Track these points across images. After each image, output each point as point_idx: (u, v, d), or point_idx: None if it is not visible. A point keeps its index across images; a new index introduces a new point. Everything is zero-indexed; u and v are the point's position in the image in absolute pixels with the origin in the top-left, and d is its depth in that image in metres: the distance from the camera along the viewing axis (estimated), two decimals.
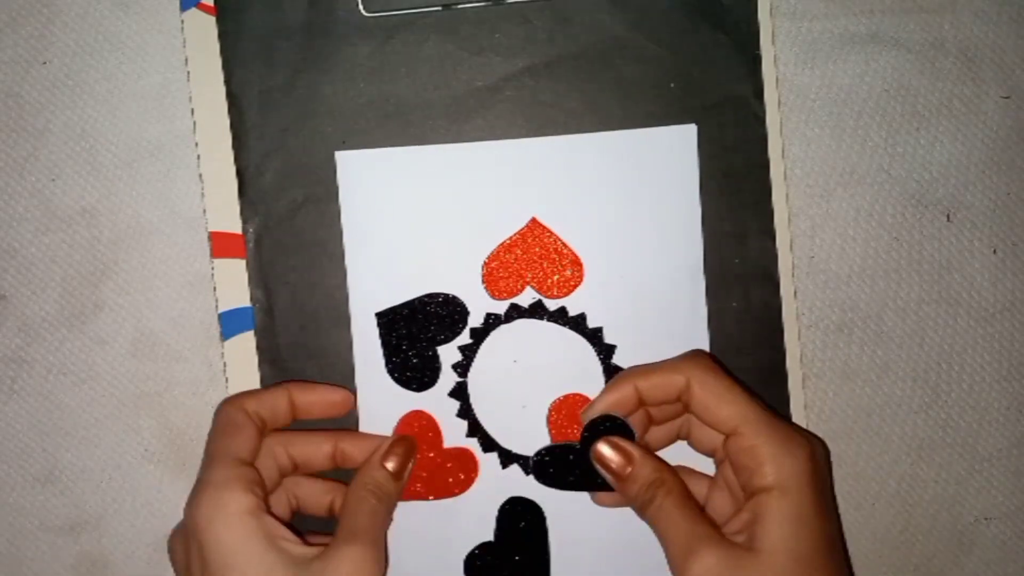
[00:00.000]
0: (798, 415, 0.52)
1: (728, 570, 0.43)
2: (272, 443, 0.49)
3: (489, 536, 0.52)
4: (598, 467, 0.48)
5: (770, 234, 0.52)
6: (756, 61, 0.52)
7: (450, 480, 0.52)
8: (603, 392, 0.48)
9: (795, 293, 0.52)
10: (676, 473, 0.47)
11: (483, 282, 0.52)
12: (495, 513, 0.52)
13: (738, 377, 0.48)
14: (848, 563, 0.49)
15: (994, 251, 0.54)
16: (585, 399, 0.51)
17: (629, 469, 0.47)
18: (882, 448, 0.54)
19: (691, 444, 0.50)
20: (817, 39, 0.53)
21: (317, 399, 0.50)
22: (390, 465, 0.48)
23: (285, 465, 0.49)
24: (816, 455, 0.45)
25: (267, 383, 0.52)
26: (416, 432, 0.52)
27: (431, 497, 0.52)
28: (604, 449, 0.47)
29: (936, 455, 0.54)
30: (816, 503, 0.44)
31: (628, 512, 0.48)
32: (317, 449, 0.50)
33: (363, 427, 0.52)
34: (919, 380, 0.54)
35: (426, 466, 0.52)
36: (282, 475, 0.49)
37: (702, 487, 0.49)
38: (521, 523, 0.52)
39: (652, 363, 0.49)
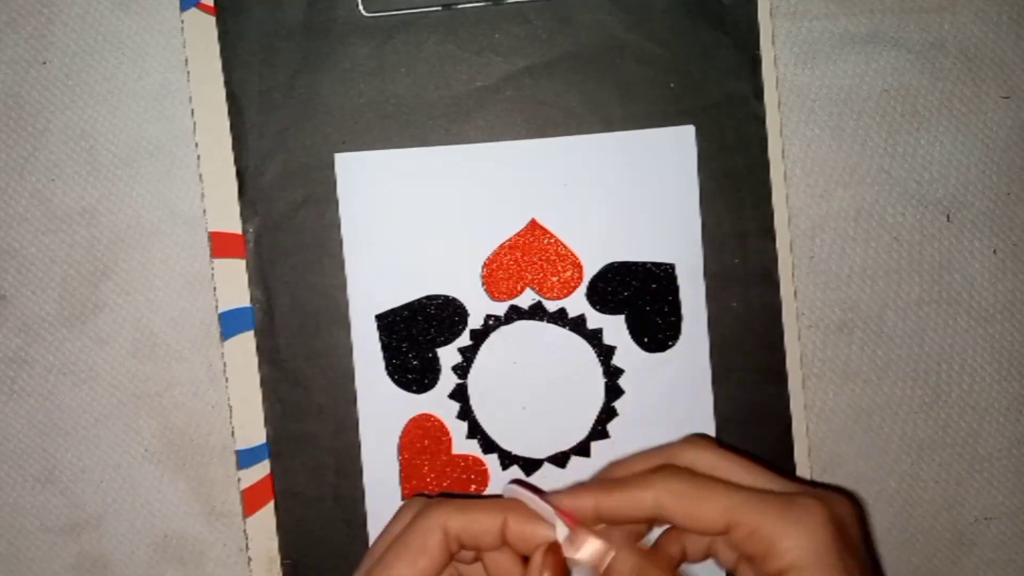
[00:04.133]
0: (798, 415, 0.52)
1: None
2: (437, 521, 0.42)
3: None
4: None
5: (770, 234, 0.52)
6: (756, 61, 0.52)
7: (459, 489, 0.52)
8: (560, 493, 0.42)
9: (795, 293, 0.52)
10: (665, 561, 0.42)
11: (483, 284, 0.52)
12: None
13: (738, 447, 0.45)
14: None
15: (994, 251, 0.54)
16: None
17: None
18: (882, 448, 0.54)
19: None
20: (817, 39, 0.53)
21: (536, 534, 0.41)
22: None
23: (452, 550, 0.42)
24: (832, 517, 0.39)
25: (267, 383, 0.52)
26: (426, 435, 0.52)
27: None
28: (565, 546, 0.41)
29: (936, 455, 0.54)
30: (841, 571, 0.38)
31: None
32: (486, 528, 0.41)
33: (363, 429, 0.52)
34: (919, 380, 0.54)
35: (434, 471, 0.52)
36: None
37: None
38: None
39: (619, 478, 0.42)
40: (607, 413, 0.52)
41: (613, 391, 0.52)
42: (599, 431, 0.52)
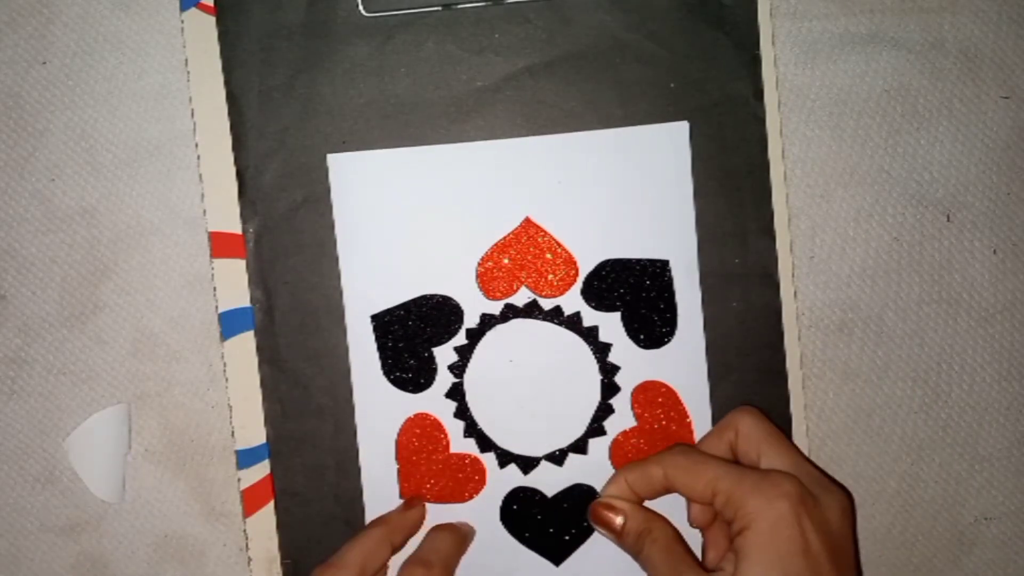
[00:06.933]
0: (798, 415, 0.52)
1: None
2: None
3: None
4: (596, 527, 0.49)
5: (770, 234, 0.52)
6: (756, 61, 0.52)
7: (457, 488, 0.52)
8: (605, 485, 0.50)
9: (795, 293, 0.52)
10: (665, 523, 0.48)
11: (478, 282, 0.52)
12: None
13: (777, 427, 0.49)
14: None
15: (994, 251, 0.54)
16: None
17: (620, 521, 0.48)
18: (882, 448, 0.54)
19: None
20: (817, 39, 0.53)
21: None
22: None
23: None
24: (796, 493, 0.45)
25: (267, 383, 0.52)
26: (423, 435, 0.52)
27: (435, 502, 0.52)
28: (600, 510, 0.49)
29: (936, 455, 0.54)
30: (793, 541, 0.44)
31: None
32: (385, 555, 0.50)
33: (361, 429, 0.52)
34: (919, 380, 0.54)
35: (432, 470, 0.52)
36: None
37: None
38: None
39: (642, 459, 0.50)
40: (604, 410, 0.52)
41: (610, 388, 0.52)
42: (596, 428, 0.52)
